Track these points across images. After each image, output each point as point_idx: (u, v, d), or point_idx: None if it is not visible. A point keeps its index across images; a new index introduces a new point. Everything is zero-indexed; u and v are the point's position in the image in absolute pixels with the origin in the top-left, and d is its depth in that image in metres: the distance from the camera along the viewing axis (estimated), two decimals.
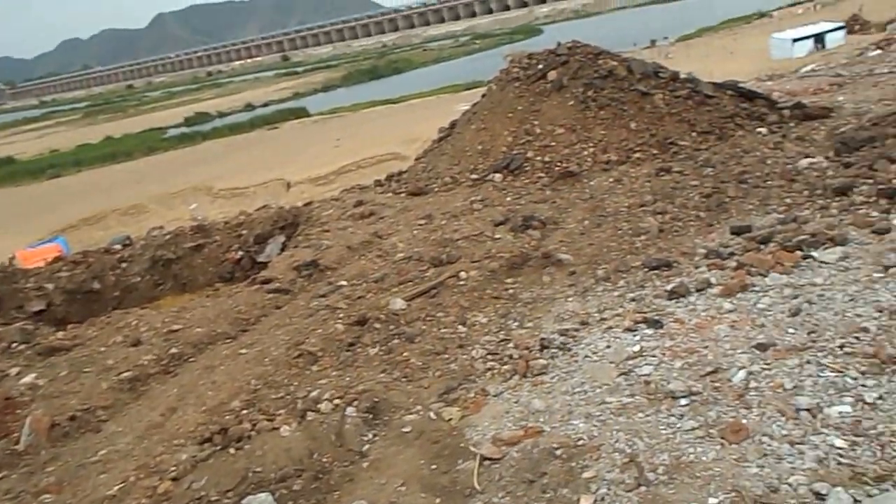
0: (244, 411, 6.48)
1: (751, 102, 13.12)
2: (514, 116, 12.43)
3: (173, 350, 8.25)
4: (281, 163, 35.53)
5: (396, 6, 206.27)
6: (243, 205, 22.96)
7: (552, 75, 12.50)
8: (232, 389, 6.92)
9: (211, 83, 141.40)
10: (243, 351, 7.75)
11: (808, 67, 21.19)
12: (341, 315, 7.92)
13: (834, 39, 36.01)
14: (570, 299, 7.29)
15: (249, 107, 75.40)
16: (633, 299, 6.87)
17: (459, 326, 7.29)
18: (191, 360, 8.09)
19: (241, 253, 12.70)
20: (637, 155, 11.57)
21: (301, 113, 60.62)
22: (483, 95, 14.01)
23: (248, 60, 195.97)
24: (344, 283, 8.95)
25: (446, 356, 6.77)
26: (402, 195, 12.71)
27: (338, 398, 6.27)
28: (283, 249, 11.93)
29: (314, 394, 6.44)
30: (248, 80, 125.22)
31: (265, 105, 74.79)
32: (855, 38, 33.63)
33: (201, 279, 12.73)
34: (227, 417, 6.44)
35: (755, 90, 14.23)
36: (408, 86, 66.01)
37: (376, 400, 6.10)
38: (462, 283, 8.18)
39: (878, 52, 20.59)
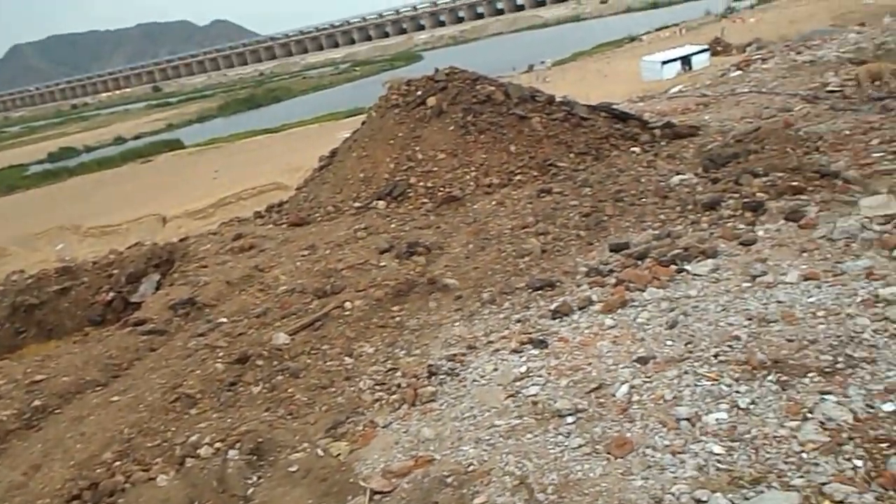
0: (117, 463, 6.06)
1: (624, 123, 13.66)
2: (396, 143, 12.42)
3: (36, 402, 7.62)
4: (156, 197, 34.18)
5: (273, 34, 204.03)
6: (115, 243, 21.79)
7: (431, 101, 12.60)
8: (103, 440, 6.45)
9: (77, 116, 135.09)
10: (115, 398, 7.25)
11: (677, 88, 22.38)
12: (221, 354, 7.56)
13: (699, 61, 38.34)
14: (456, 324, 7.25)
15: (120, 140, 72.43)
16: (518, 320, 6.91)
17: (346, 358, 7.11)
18: (57, 411, 7.50)
19: (112, 294, 11.99)
20: (518, 177, 11.78)
21: (176, 145, 58.74)
22: (363, 123, 13.94)
23: (117, 92, 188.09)
24: (224, 319, 8.57)
25: (333, 390, 6.58)
26: (284, 226, 12.40)
27: (219, 441, 5.95)
28: (157, 288, 11.35)
29: (193, 438, 6.09)
30: (117, 113, 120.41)
31: (137, 138, 72.05)
32: (718, 60, 35.82)
33: (69, 324, 11.91)
34: (98, 471, 6.00)
35: (627, 111, 14.84)
36: (288, 114, 65.25)
37: (260, 440, 5.83)
38: (347, 313, 8.01)
39: (739, 72, 21.98)
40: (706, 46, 41.85)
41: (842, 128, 11.92)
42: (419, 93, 12.77)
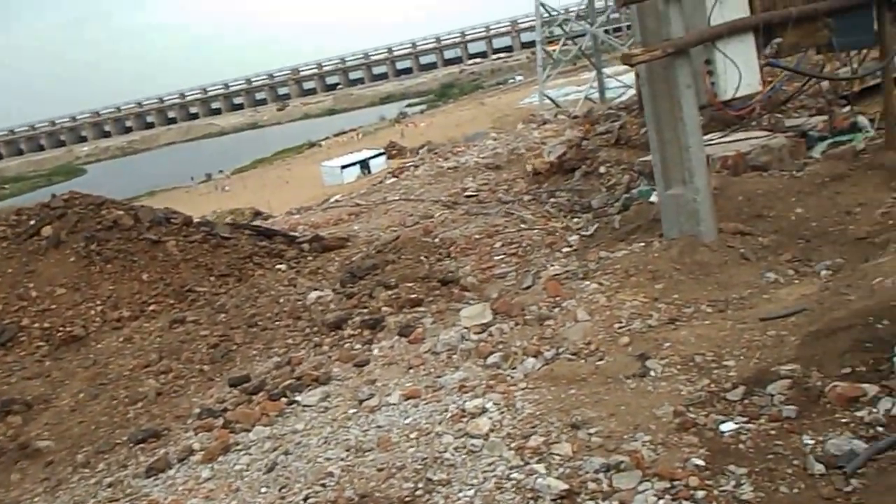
0: None
1: (270, 240, 13.48)
2: (4, 281, 10.90)
3: None
4: None
5: None
6: None
7: (47, 231, 11.35)
8: None
9: None
10: None
11: (333, 198, 22.98)
12: None
13: (377, 164, 40.53)
14: (37, 499, 6.21)
15: None
16: (109, 484, 6.09)
17: None
18: None
19: None
20: (152, 307, 10.92)
21: None
22: None
23: None
24: None
25: None
26: None
27: None
28: None
29: None
30: None
31: None
32: (394, 163, 37.81)
33: None
34: None
35: (273, 228, 14.77)
36: None
37: None
38: None
39: (394, 179, 23.20)
40: (382, 150, 44.49)
41: (473, 232, 12.88)
42: (32, 222, 11.46)
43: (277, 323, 9.50)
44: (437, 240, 12.62)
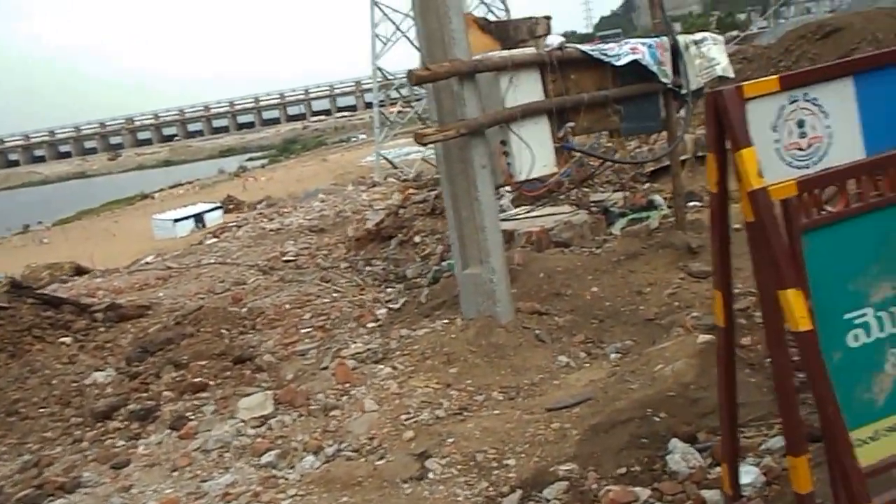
0: None
1: (56, 309, 12.15)
2: None
3: None
4: None
5: None
6: None
7: None
8: None
9: None
10: None
11: (144, 260, 21.50)
12: None
13: (212, 218, 38.63)
14: None
15: None
16: None
17: None
18: None
19: None
20: None
21: None
22: None
23: None
24: None
25: None
26: None
27: None
28: None
29: None
30: None
31: None
32: (231, 217, 36.01)
33: None
34: None
35: (61, 296, 13.37)
36: None
37: None
38: None
39: (214, 240, 22.08)
40: (219, 204, 42.73)
41: (284, 300, 12.22)
42: None
43: (42, 410, 8.37)
44: (244, 309, 11.87)
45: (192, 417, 7.19)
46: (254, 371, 8.57)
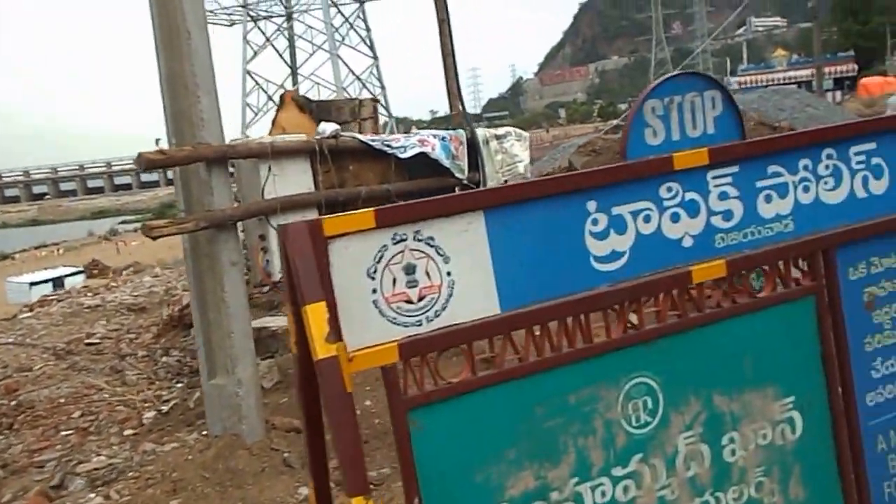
0: None
1: None
2: None
3: None
4: None
5: None
6: None
7: None
8: None
9: None
10: None
11: None
12: None
13: (73, 283, 35.81)
14: None
15: None
16: None
17: None
18: None
19: None
20: None
21: None
22: None
23: None
24: None
25: None
26: None
27: None
28: None
29: None
30: None
31: None
32: (95, 282, 33.16)
33: None
34: None
35: None
36: None
37: None
38: None
39: (29, 314, 20.05)
40: (82, 268, 40.01)
41: (63, 394, 10.75)
42: None
43: None
44: (13, 403, 10.35)
45: None
46: None
